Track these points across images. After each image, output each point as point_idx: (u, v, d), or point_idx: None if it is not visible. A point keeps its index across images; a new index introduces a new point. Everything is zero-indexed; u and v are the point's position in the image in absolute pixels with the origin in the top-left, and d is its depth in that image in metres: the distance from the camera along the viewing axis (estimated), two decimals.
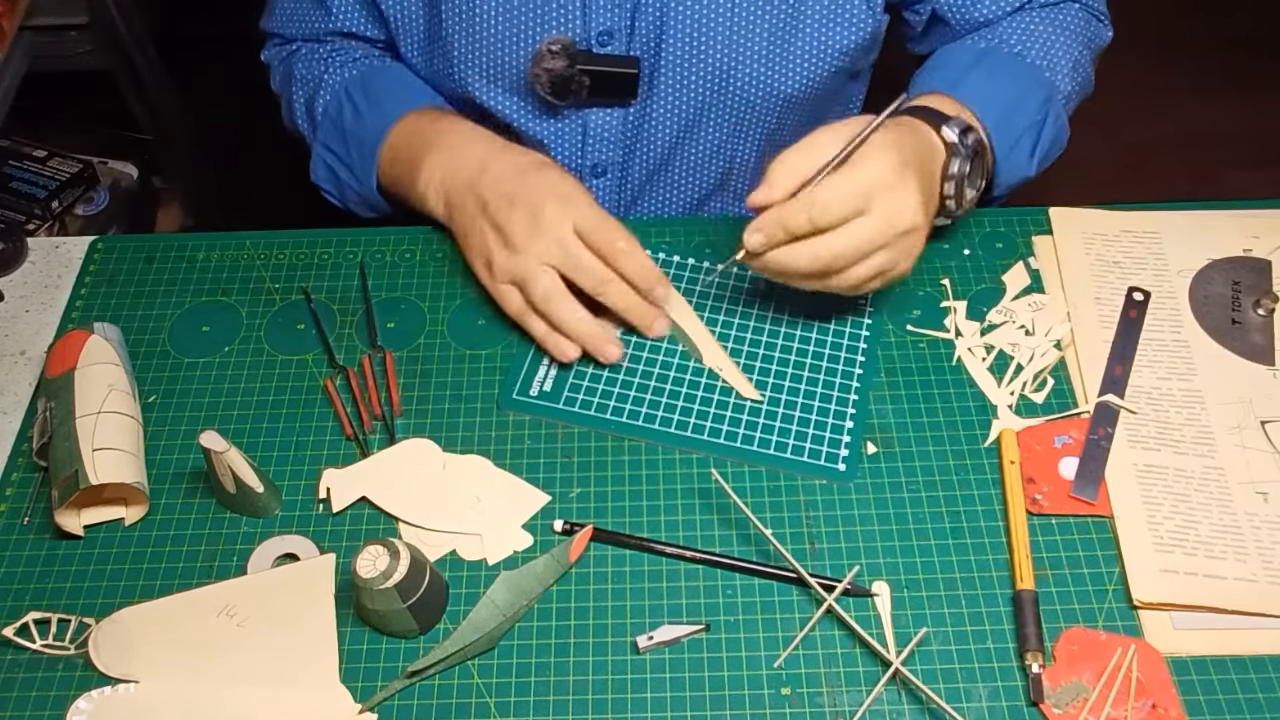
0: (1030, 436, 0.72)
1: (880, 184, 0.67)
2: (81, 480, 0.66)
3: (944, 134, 0.74)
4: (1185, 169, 1.97)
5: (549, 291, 0.74)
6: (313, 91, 0.90)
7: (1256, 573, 0.65)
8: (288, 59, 0.94)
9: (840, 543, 0.68)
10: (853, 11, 0.82)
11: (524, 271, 0.74)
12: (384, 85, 0.87)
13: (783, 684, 0.62)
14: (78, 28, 1.44)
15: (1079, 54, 0.85)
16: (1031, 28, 0.84)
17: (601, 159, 0.88)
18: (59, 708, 0.62)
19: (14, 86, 1.36)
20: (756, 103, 0.85)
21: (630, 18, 0.81)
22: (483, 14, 0.82)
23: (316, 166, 0.90)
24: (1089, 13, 0.88)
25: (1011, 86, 0.81)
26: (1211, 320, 0.78)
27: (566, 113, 0.86)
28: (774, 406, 0.74)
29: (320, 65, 0.91)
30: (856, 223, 0.68)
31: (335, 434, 0.74)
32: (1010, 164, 0.80)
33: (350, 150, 0.87)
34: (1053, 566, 0.66)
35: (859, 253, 0.68)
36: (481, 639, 0.63)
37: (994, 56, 0.83)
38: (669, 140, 0.88)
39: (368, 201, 0.89)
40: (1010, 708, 0.61)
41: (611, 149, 0.88)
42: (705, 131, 0.88)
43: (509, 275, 0.76)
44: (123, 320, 0.80)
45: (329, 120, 0.88)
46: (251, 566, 0.67)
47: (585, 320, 0.75)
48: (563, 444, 0.73)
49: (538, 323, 0.76)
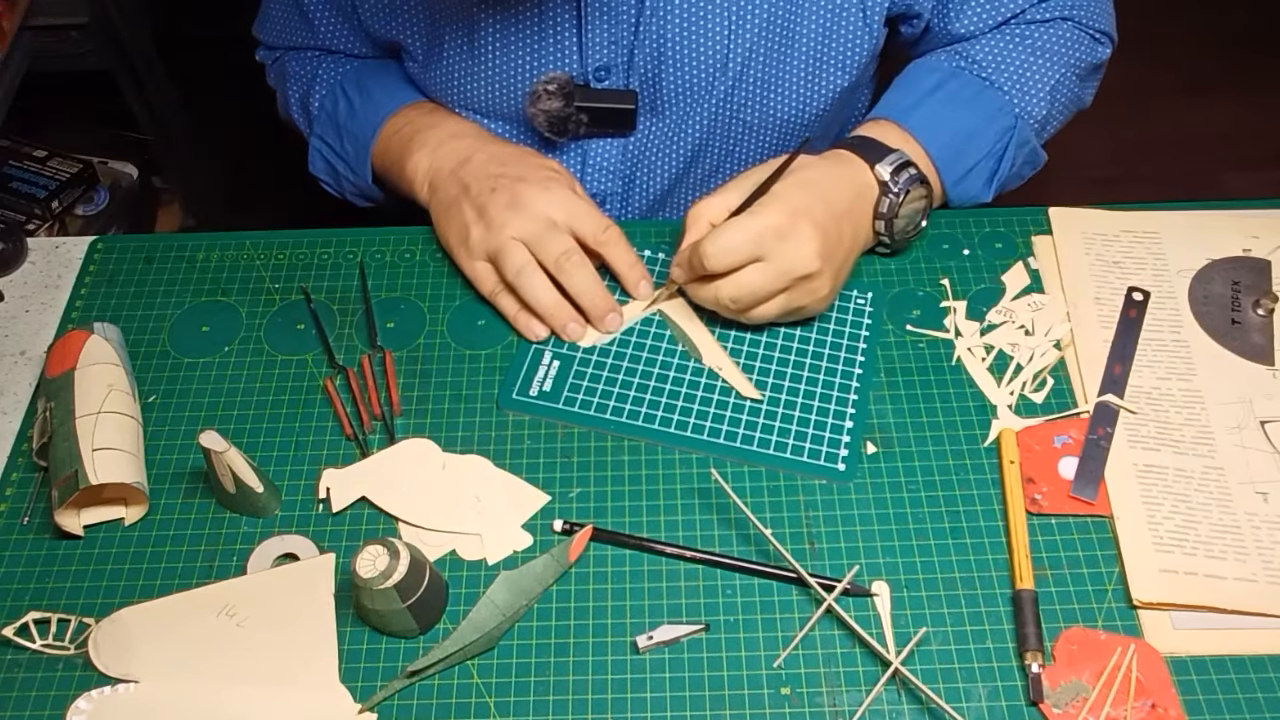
0: (1030, 436, 0.72)
1: (772, 232, 0.70)
2: (81, 480, 0.66)
3: (877, 172, 0.76)
4: (1185, 169, 1.97)
5: (522, 266, 0.75)
6: (307, 87, 0.92)
7: (1256, 573, 0.65)
8: (281, 58, 0.96)
9: (840, 543, 0.68)
10: (849, 31, 0.82)
11: (498, 245, 0.76)
12: (377, 81, 0.89)
13: (783, 684, 0.62)
14: (78, 28, 1.44)
15: (1060, 76, 0.83)
16: (1008, 52, 0.82)
17: (601, 189, 0.88)
18: (59, 708, 0.62)
19: (14, 86, 1.36)
20: (758, 128, 0.85)
21: (628, 52, 0.81)
22: (481, 49, 0.82)
23: (314, 159, 0.93)
24: (1081, 30, 0.85)
25: (970, 116, 0.81)
26: (1211, 320, 0.78)
27: (566, 144, 0.86)
28: (774, 406, 0.74)
29: (314, 63, 0.93)
30: (751, 269, 0.71)
31: (335, 434, 0.74)
32: (961, 191, 0.82)
33: (345, 144, 0.89)
34: (1052, 566, 0.66)
35: (755, 297, 0.72)
36: (481, 639, 0.63)
37: (957, 82, 0.82)
38: (670, 170, 0.88)
39: (363, 192, 0.91)
40: (1010, 708, 0.61)
41: (611, 179, 0.88)
42: (707, 159, 0.88)
43: (484, 250, 0.77)
44: (123, 320, 0.80)
45: (324, 114, 0.90)
46: (251, 566, 0.67)
47: (555, 296, 0.76)
48: (563, 444, 0.73)
49: (509, 301, 0.78)
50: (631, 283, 0.78)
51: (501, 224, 0.76)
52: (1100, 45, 0.87)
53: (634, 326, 0.78)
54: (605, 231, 0.77)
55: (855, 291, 0.80)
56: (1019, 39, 0.83)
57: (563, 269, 0.75)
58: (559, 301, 0.76)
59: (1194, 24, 2.19)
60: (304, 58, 0.93)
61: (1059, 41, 0.83)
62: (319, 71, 0.91)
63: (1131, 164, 1.97)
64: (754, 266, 0.71)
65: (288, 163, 1.03)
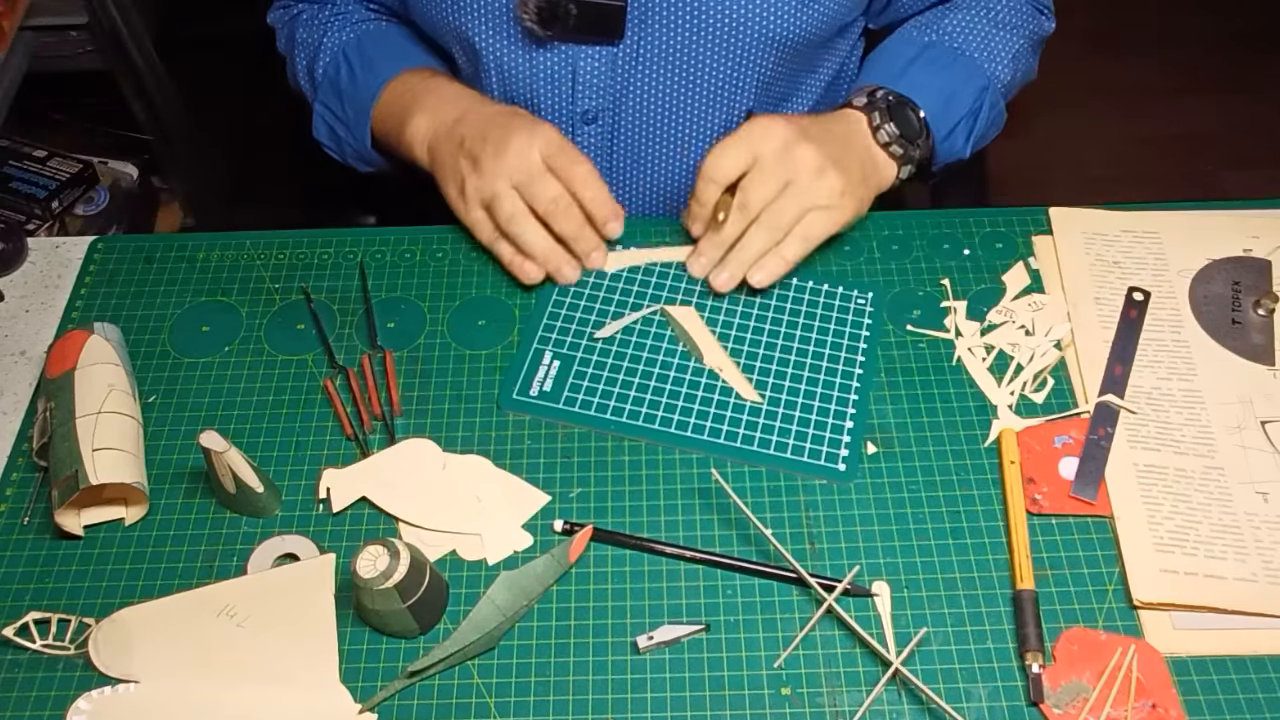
0: (1030, 436, 0.72)
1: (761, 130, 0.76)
2: (81, 480, 0.66)
3: (853, 102, 0.83)
4: (1185, 169, 1.97)
5: (514, 212, 0.79)
6: (313, 55, 0.95)
7: (1256, 573, 0.65)
8: (290, 22, 0.99)
9: (840, 543, 0.68)
10: None
11: (491, 191, 0.79)
12: (378, 48, 0.92)
13: (783, 684, 0.62)
14: (78, 28, 1.44)
15: (1019, 46, 0.90)
16: (972, 24, 0.89)
17: (591, 105, 0.88)
18: (59, 708, 0.62)
19: (14, 86, 1.36)
20: (748, 45, 0.85)
21: None
22: None
23: (317, 125, 0.95)
24: (1033, 6, 0.93)
25: (950, 79, 0.87)
26: (1211, 320, 0.78)
27: (555, 51, 0.86)
28: (774, 406, 0.74)
29: (320, 30, 0.95)
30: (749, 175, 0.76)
31: (335, 434, 0.74)
32: (946, 148, 0.87)
33: (347, 109, 0.91)
34: (1053, 566, 0.66)
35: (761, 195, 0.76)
36: (481, 639, 0.63)
37: (934, 50, 0.88)
38: (660, 86, 0.88)
39: (364, 156, 0.93)
40: (1010, 708, 0.61)
41: (601, 95, 0.88)
42: (698, 79, 0.87)
43: (478, 196, 0.80)
44: (123, 320, 0.80)
45: (328, 81, 0.93)
46: (251, 566, 0.67)
47: (547, 242, 0.80)
48: (563, 444, 0.73)
49: (505, 247, 0.81)
50: (601, 220, 0.80)
51: (494, 173, 0.78)
52: (1045, 19, 0.94)
53: (634, 326, 0.78)
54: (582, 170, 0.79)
55: (855, 291, 0.80)
56: (982, 13, 0.90)
57: (552, 215, 0.79)
58: (551, 246, 0.80)
59: (1194, 24, 2.19)
60: (312, 23, 0.95)
61: (1015, 14, 0.91)
62: (324, 39, 0.94)
63: (1131, 164, 1.97)
64: (751, 172, 0.76)
65: (287, 162, 1.03)
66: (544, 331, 0.78)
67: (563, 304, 0.80)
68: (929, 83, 0.85)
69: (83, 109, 1.68)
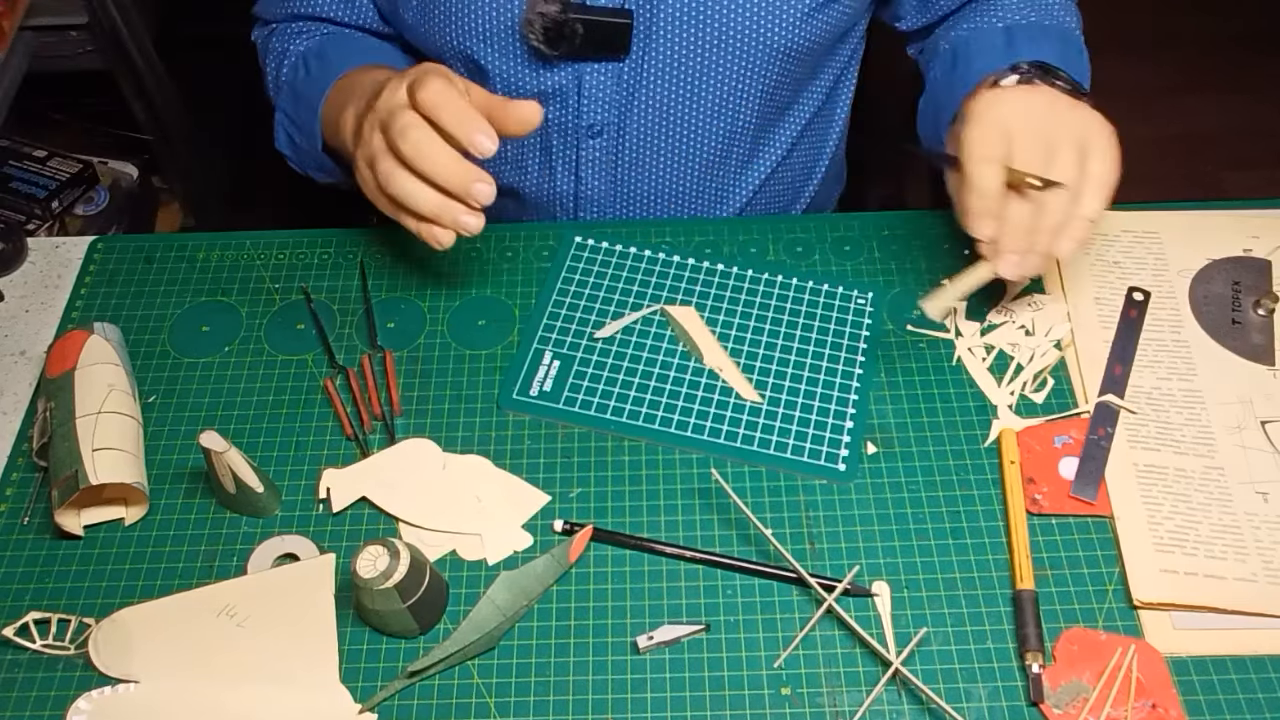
0: (1030, 436, 0.72)
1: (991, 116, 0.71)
2: (81, 480, 0.66)
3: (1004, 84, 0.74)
4: (1184, 169, 1.97)
5: (389, 170, 0.69)
6: (279, 62, 0.92)
7: (1256, 573, 0.65)
8: (268, 37, 0.96)
9: (840, 543, 0.68)
10: None
11: (369, 152, 0.71)
12: (338, 50, 0.88)
13: (783, 684, 0.62)
14: (78, 28, 1.44)
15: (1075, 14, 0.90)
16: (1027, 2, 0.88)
17: (597, 119, 0.88)
18: (59, 708, 0.62)
19: (14, 86, 1.36)
20: (754, 56, 0.85)
21: None
22: None
23: (278, 133, 0.91)
24: None
25: (1052, 37, 0.85)
26: (1211, 320, 0.78)
27: (560, 67, 0.85)
28: (774, 406, 0.74)
29: (290, 40, 0.92)
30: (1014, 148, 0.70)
31: (335, 434, 0.74)
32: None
33: (300, 109, 0.86)
34: (1053, 566, 0.66)
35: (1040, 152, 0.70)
36: (481, 639, 0.63)
37: (1016, 29, 0.86)
38: (664, 98, 0.87)
39: (320, 163, 0.87)
40: (1010, 708, 0.61)
41: (606, 108, 0.87)
42: (703, 90, 0.87)
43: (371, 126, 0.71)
44: (123, 320, 0.80)
45: (287, 85, 0.89)
46: (251, 566, 0.67)
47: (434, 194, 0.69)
48: (563, 444, 0.73)
49: (407, 219, 0.72)
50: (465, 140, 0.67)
51: (370, 130, 0.71)
52: None
53: (634, 326, 0.78)
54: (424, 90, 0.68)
55: (855, 291, 0.80)
56: None
57: (413, 159, 0.68)
58: (441, 201, 0.69)
59: (1194, 24, 2.19)
60: (285, 33, 0.93)
61: None
62: (290, 46, 0.91)
63: (1131, 164, 1.97)
64: (1015, 143, 0.70)
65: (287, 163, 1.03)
66: (544, 331, 0.78)
67: (563, 304, 0.80)
68: (1040, 49, 0.82)
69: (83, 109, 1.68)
